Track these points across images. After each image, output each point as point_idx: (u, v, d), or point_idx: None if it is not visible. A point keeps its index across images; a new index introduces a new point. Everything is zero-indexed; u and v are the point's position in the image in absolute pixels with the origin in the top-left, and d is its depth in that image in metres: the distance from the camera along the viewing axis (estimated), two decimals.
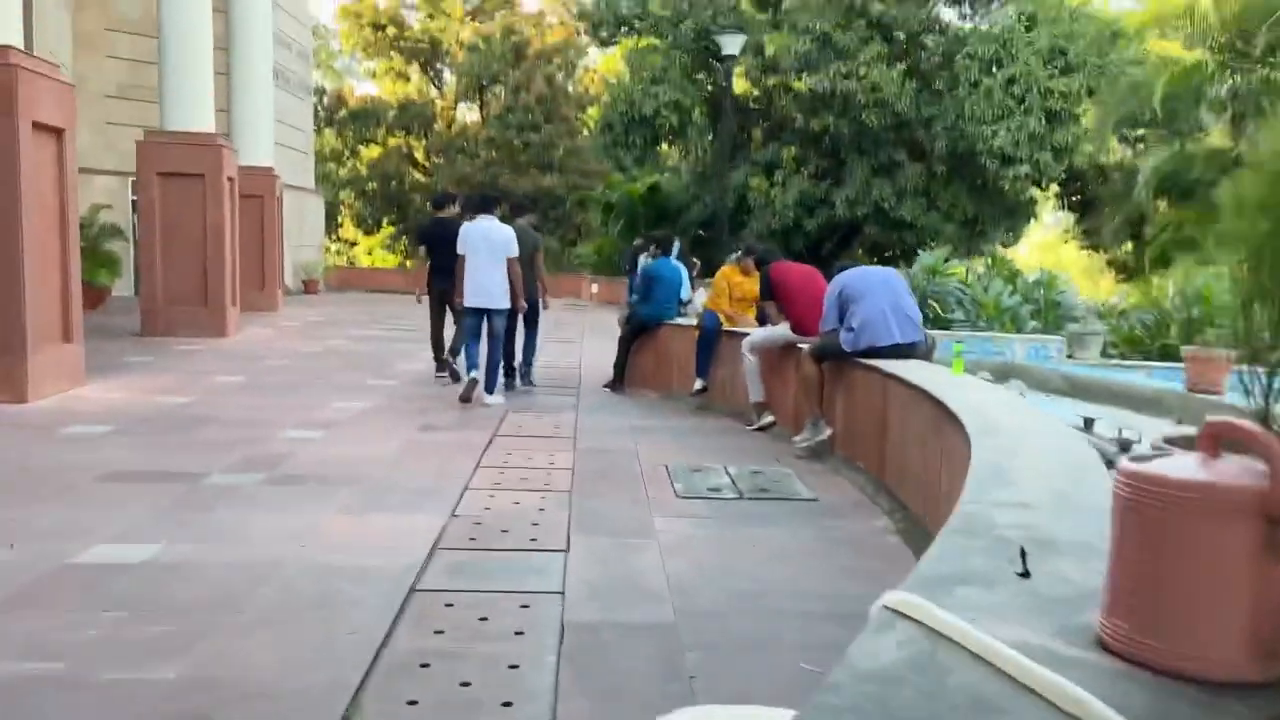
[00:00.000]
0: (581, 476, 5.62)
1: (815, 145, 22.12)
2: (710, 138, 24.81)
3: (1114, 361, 9.06)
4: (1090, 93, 17.84)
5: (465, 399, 7.98)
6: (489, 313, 8.07)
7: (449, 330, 9.36)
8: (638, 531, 4.56)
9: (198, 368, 9.75)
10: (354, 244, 44.73)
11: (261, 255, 16.79)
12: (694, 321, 8.52)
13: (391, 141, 39.09)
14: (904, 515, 4.77)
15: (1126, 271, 26.93)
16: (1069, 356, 9.69)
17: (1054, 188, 24.80)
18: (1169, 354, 9.32)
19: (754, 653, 3.23)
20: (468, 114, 40.99)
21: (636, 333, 9.03)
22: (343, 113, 38.23)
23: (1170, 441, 2.12)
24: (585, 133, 39.09)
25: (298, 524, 4.47)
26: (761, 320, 7.95)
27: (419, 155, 39.71)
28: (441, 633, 3.31)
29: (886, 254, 25.62)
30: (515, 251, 8.06)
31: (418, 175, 38.90)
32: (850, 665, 1.43)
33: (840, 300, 5.94)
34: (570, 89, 38.22)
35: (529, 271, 8.64)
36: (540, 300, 9.11)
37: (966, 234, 21.01)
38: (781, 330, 6.87)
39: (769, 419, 7.12)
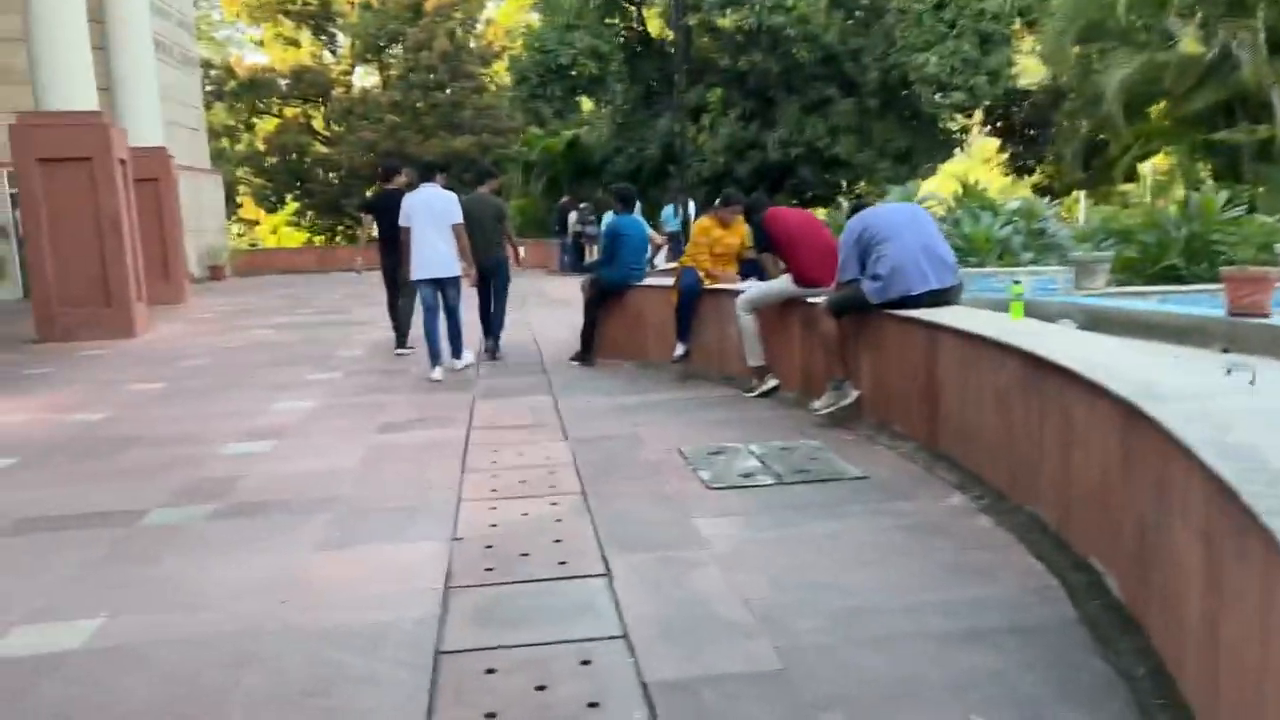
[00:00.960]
0: (588, 472, 4.85)
1: (740, 86, 21.37)
2: (628, 85, 23.91)
3: (1124, 289, 8.51)
4: (1021, 13, 17.42)
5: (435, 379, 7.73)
6: (441, 283, 7.79)
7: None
8: (682, 539, 3.82)
9: (108, 376, 8.65)
10: (255, 223, 42.67)
11: (163, 243, 15.46)
12: (669, 281, 7.77)
13: (288, 112, 37.12)
14: (981, 489, 4.13)
15: (1051, 194, 26.98)
16: (1077, 288, 9.17)
17: (978, 115, 24.56)
18: (1172, 276, 8.87)
19: (901, 703, 2.54)
20: (367, 78, 39.10)
21: (603, 298, 8.23)
22: (232, 84, 36.05)
23: None
24: (493, 89, 37.71)
25: (269, 570, 3.63)
26: (745, 275, 7.26)
27: (318, 125, 37.80)
28: (494, 717, 2.54)
29: (812, 195, 25.16)
30: (458, 218, 7.75)
31: (319, 146, 37.02)
32: None
33: (860, 244, 5.24)
34: (473, 44, 36.62)
35: (495, 238, 8.60)
36: (509, 264, 8.89)
37: (901, 169, 20.58)
38: (783, 284, 6.16)
39: (772, 383, 6.43)
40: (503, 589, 3.40)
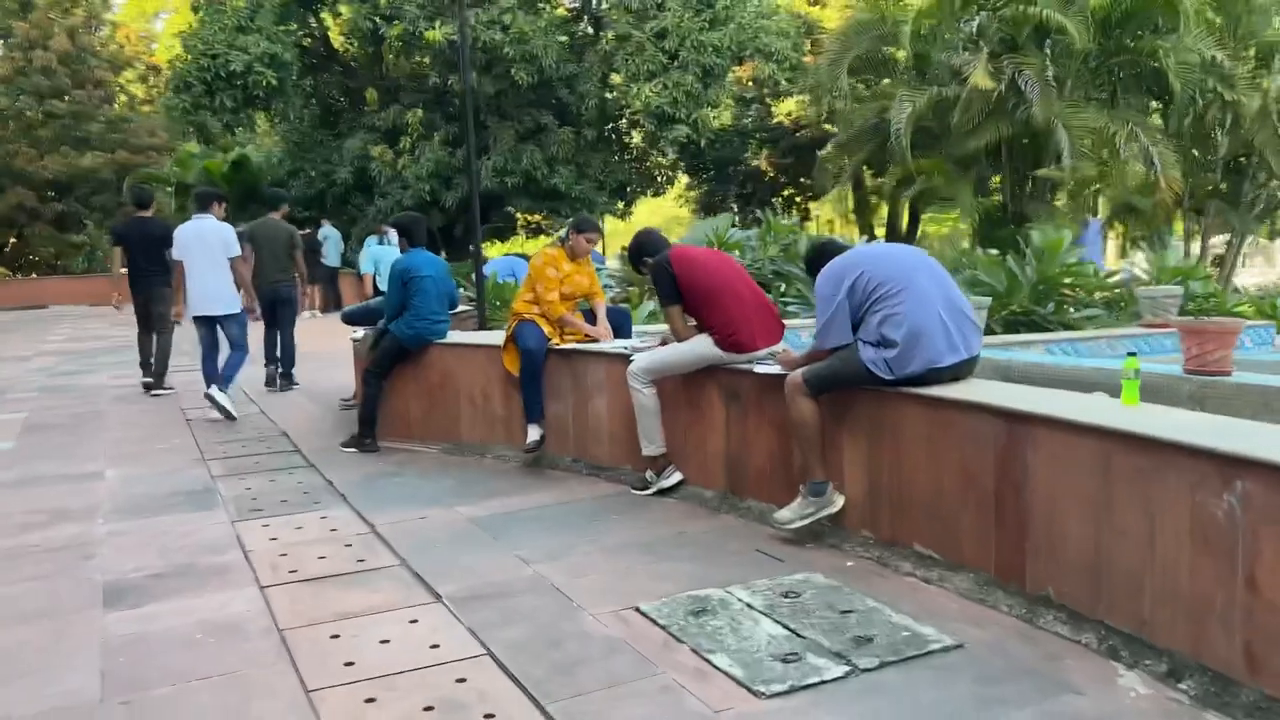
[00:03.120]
0: (529, 673, 2.97)
1: (441, 107, 19.47)
2: (306, 100, 21.23)
3: (1008, 339, 7.67)
4: (736, 49, 17.18)
5: (228, 416, 7.24)
6: (220, 320, 7.48)
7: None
8: None
9: None
10: None
11: None
12: (489, 339, 5.91)
13: None
14: (1161, 660, 2.83)
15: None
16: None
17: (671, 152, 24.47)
18: (1025, 322, 8.23)
19: None
20: None
21: (393, 361, 6.16)
22: None
23: None
24: (123, 99, 32.58)
25: None
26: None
27: None
28: None
29: (508, 227, 23.74)
30: (236, 251, 7.45)
31: None
32: None
33: (854, 297, 3.83)
34: (99, 47, 31.28)
35: (287, 265, 8.48)
36: (298, 296, 8.78)
37: (617, 203, 19.78)
38: (701, 347, 4.58)
39: (675, 478, 4.83)
40: None
